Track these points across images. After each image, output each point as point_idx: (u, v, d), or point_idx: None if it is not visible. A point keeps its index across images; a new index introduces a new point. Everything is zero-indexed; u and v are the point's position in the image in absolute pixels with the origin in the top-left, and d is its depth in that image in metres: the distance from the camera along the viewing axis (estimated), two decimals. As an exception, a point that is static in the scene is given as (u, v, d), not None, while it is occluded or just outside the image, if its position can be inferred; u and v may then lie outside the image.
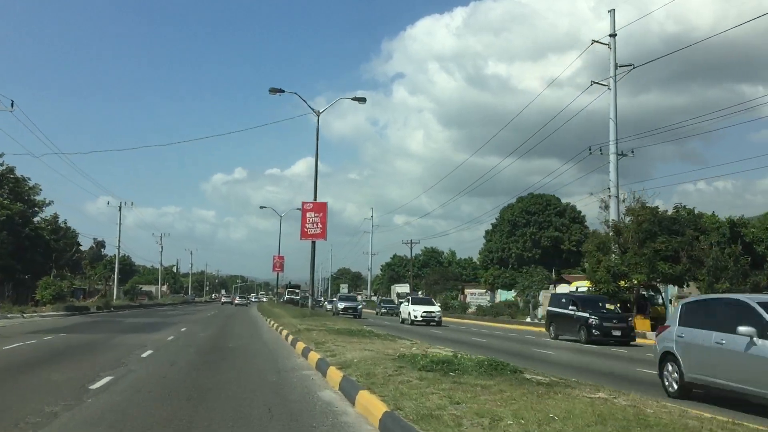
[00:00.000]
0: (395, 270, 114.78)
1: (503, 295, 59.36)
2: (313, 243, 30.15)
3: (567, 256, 78.41)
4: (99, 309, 42.72)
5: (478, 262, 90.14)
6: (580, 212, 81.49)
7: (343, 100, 32.51)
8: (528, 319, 37.93)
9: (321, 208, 29.79)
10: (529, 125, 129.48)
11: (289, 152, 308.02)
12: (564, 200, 79.98)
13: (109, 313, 41.75)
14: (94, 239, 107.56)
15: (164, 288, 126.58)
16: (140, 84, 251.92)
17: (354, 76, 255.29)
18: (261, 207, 63.67)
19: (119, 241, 59.38)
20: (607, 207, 49.86)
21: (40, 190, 50.26)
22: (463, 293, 73.23)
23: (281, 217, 65.81)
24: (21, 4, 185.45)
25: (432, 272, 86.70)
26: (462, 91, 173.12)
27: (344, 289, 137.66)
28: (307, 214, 29.49)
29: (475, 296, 66.17)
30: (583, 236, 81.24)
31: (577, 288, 34.17)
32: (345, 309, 44.73)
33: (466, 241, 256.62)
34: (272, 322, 27.85)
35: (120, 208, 59.40)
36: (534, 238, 78.66)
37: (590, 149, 35.56)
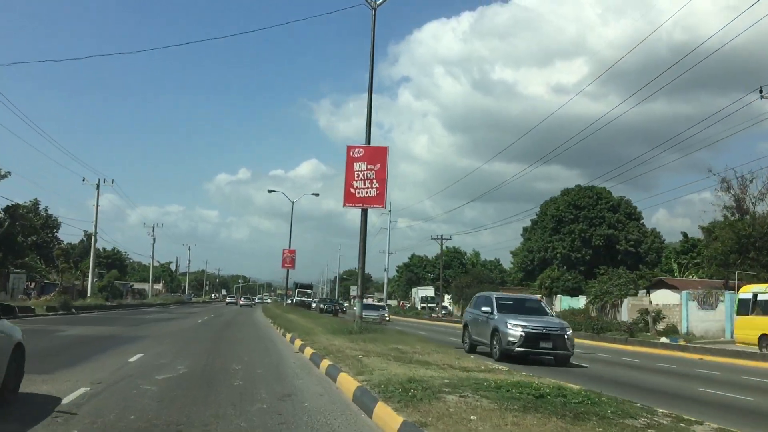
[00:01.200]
0: (414, 271, 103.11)
1: (565, 302, 47.88)
2: (364, 214, 18.62)
3: (623, 257, 66.93)
4: (51, 310, 31.22)
5: (513, 264, 78.51)
6: (635, 207, 70.10)
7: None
8: (664, 340, 26.20)
9: (378, 156, 18.21)
10: (534, 131, 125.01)
11: (294, 154, 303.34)
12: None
13: (62, 316, 30.27)
14: (85, 232, 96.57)
15: (159, 286, 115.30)
16: (142, 81, 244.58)
17: (359, 78, 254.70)
18: (269, 191, 52.60)
19: (96, 226, 47.87)
20: (729, 188, 38.76)
21: (-8, 157, 38.93)
22: (503, 298, 61.73)
23: (293, 203, 54.41)
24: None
25: (462, 274, 75.16)
26: (467, 96, 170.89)
27: (354, 291, 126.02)
28: (355, 166, 17.94)
29: (523, 302, 54.27)
30: (641, 234, 69.84)
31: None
32: (529, 340, 15.64)
33: (468, 246, 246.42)
34: (296, 341, 16.36)
35: (98, 185, 47.92)
36: (584, 236, 67.17)
37: (761, 91, 24.19)
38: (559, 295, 49.66)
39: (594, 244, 66.54)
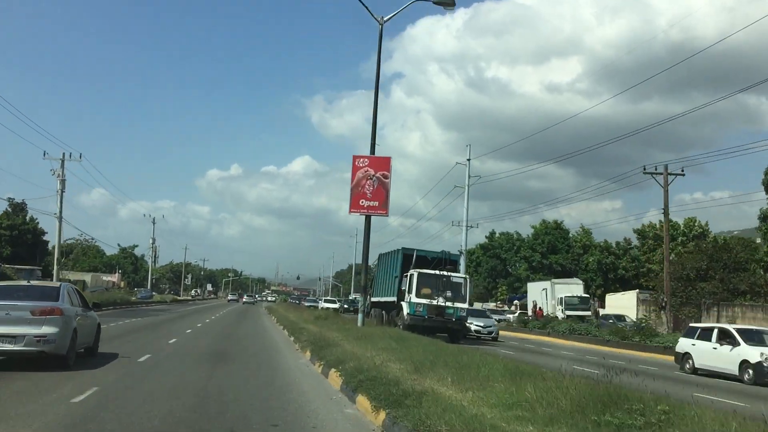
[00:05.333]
0: (500, 256, 65.47)
1: None
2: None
3: None
4: None
5: (638, 244, 41.60)
6: None
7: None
8: None
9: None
10: (528, 131, 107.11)
11: (286, 150, 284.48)
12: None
13: None
14: (10, 199, 63.11)
15: (113, 278, 77.67)
16: (137, 75, 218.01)
17: (353, 74, 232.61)
18: None
19: None
20: None
21: None
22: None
23: (381, 24, 17.89)
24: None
25: (686, 252, 38.30)
26: (461, 94, 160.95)
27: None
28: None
29: None
30: None
31: None
32: None
33: (471, 242, 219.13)
34: None
35: None
36: None
37: None
38: None
39: None
